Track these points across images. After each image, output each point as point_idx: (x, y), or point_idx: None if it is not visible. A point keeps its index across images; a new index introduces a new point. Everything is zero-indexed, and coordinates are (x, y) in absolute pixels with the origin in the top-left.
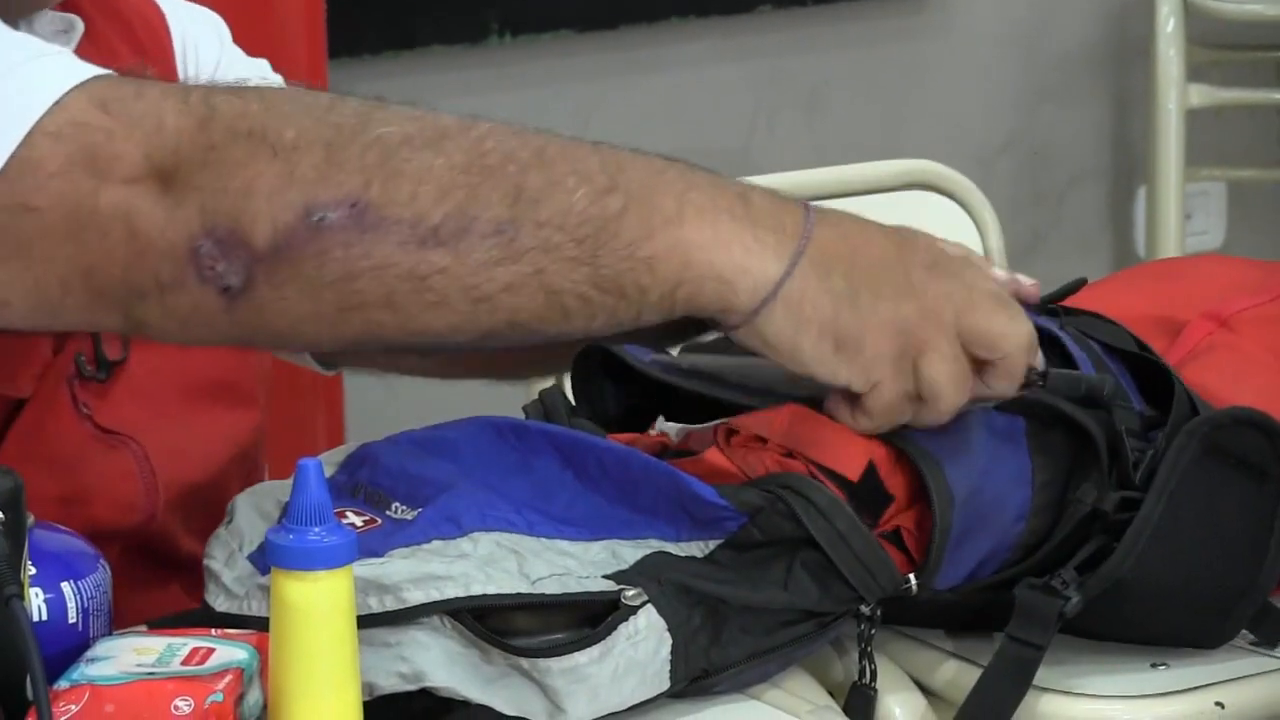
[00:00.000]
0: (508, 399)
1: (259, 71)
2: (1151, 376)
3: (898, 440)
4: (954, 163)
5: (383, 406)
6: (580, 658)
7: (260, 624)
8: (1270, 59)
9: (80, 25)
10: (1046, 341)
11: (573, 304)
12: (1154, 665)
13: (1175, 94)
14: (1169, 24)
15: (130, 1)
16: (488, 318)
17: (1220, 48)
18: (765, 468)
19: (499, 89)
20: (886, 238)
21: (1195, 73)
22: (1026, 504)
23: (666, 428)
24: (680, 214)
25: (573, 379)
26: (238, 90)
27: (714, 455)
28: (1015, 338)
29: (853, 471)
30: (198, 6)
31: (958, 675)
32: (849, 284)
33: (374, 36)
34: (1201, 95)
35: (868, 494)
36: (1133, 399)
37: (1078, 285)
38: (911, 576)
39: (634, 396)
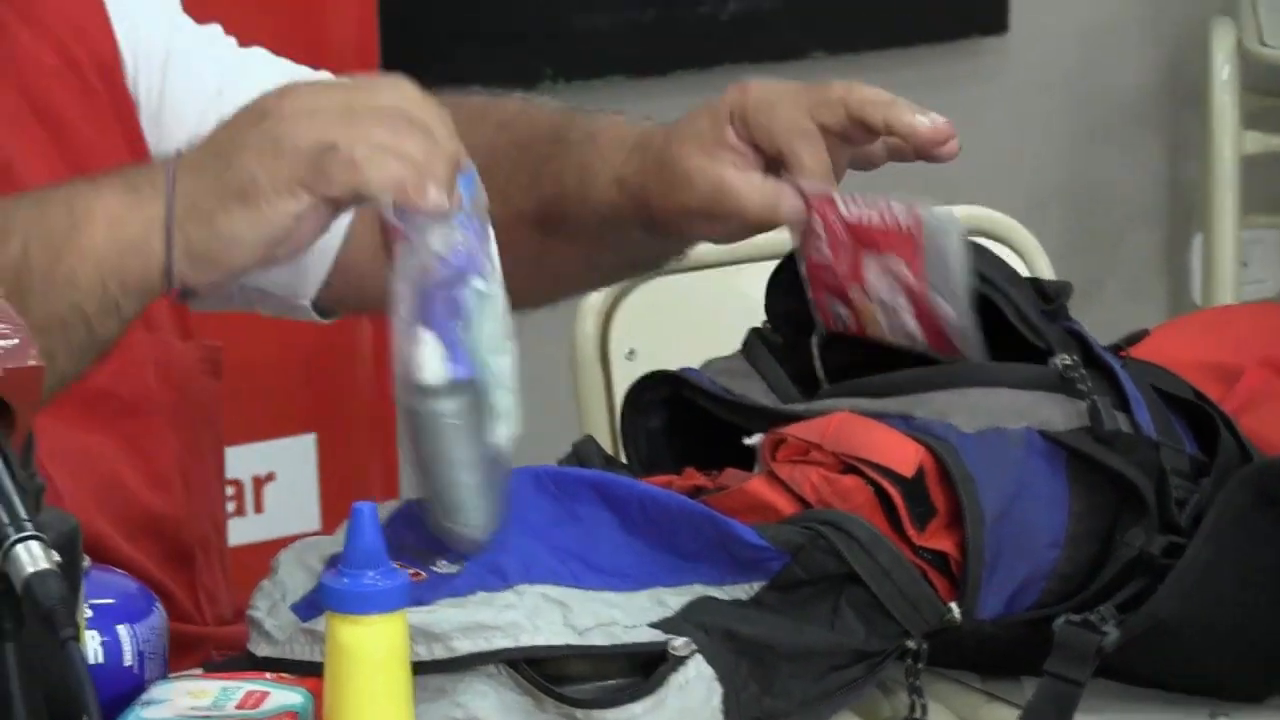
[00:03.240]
0: (549, 448)
1: (210, 42)
2: (1205, 423)
3: (942, 453)
4: (1007, 208)
5: None
6: (635, 708)
7: (301, 667)
8: None
9: None
10: (1108, 379)
11: (48, 349)
12: (1213, 716)
13: (1231, 140)
14: (1224, 71)
15: None
16: None
17: (1276, 95)
18: (812, 483)
19: None
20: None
21: (1251, 119)
22: (1061, 530)
23: (755, 440)
24: (74, 223)
25: (626, 410)
26: None
27: (754, 486)
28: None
29: (907, 468)
30: None
31: (998, 715)
32: (218, 156)
33: (427, 80)
34: (1257, 142)
35: (917, 494)
36: (1186, 444)
37: (1140, 335)
38: (954, 605)
39: (693, 423)
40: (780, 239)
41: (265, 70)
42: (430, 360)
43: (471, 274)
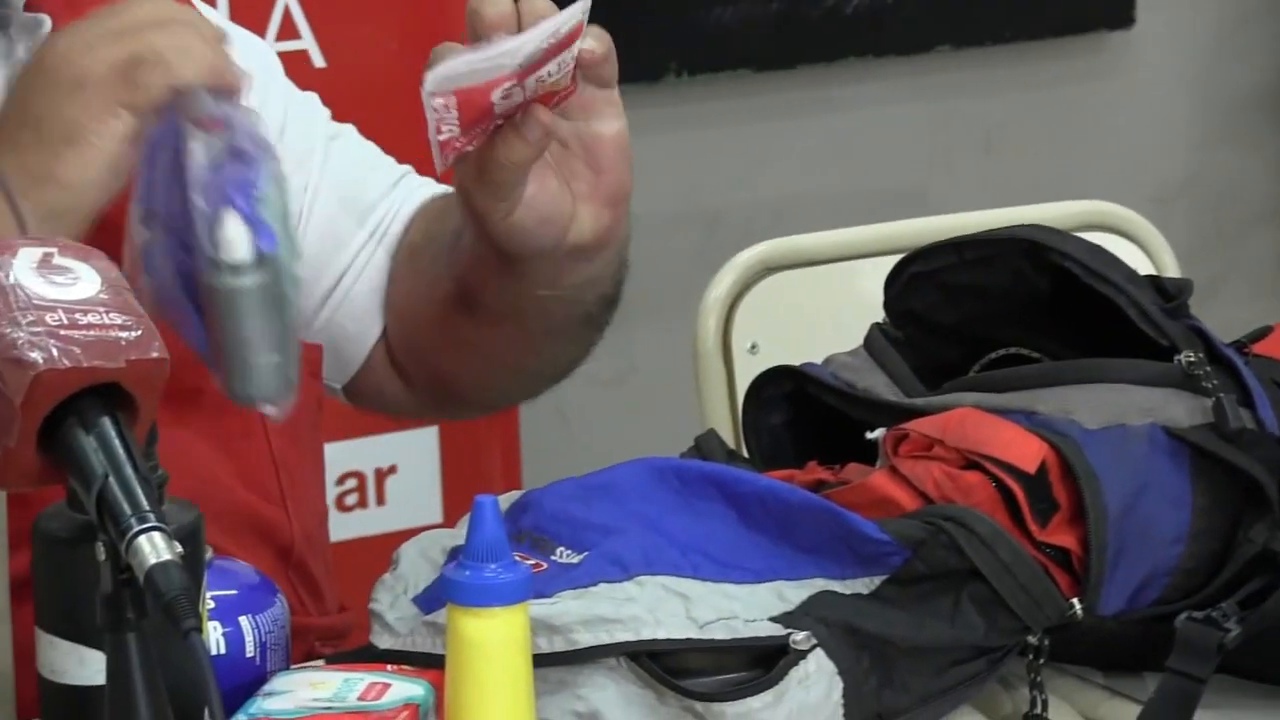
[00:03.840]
0: (671, 441)
1: (305, 110)
2: None
3: (1065, 450)
4: (1131, 204)
5: (557, 448)
6: (754, 702)
7: (423, 659)
8: None
9: (47, 24)
10: (1231, 375)
11: None
12: None
13: None
14: None
15: None
16: None
17: None
18: (934, 479)
19: (676, 128)
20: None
21: None
22: (1184, 526)
23: (877, 434)
24: None
25: (747, 405)
26: None
27: (877, 480)
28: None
29: (1030, 464)
30: (250, 37)
31: (1120, 711)
32: (25, 125)
33: None
34: None
35: (1039, 490)
36: None
37: (1264, 332)
38: (1075, 601)
39: (815, 418)
40: (896, 233)
41: (353, 149)
42: (239, 238)
43: (272, 153)
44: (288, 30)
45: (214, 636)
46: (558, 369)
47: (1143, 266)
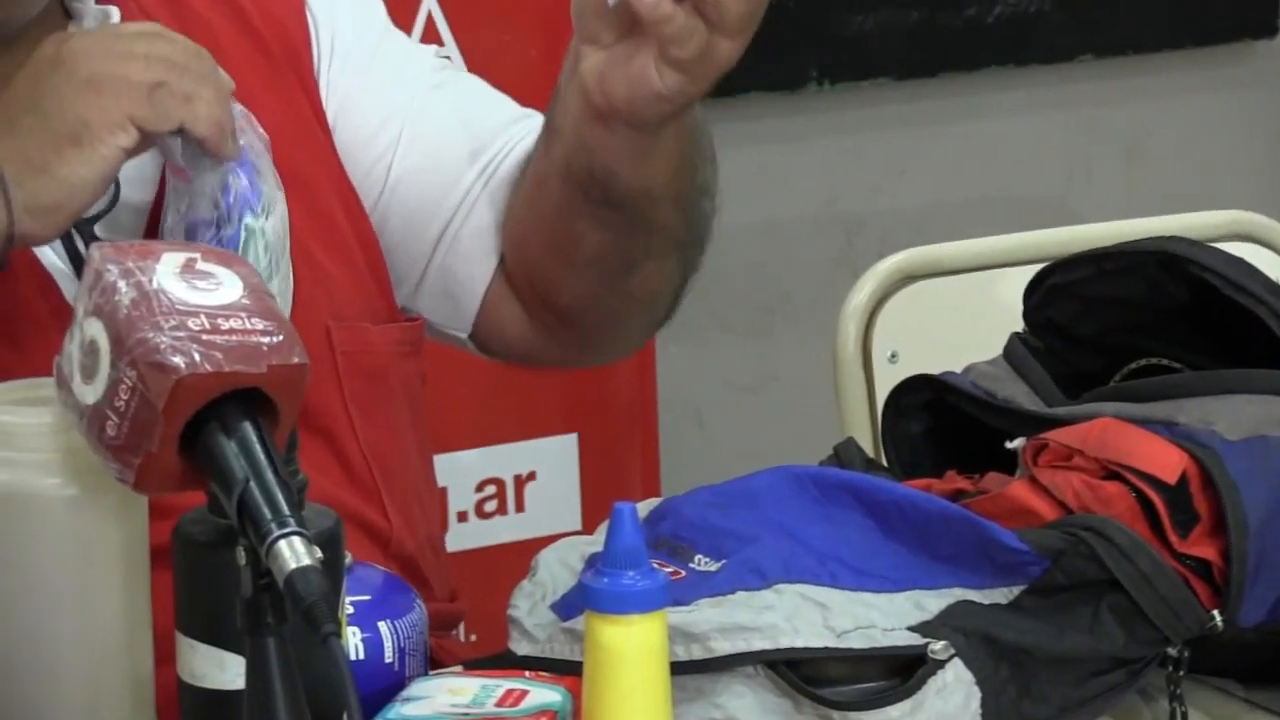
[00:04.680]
0: (810, 449)
1: (419, 59)
2: None
3: (1206, 461)
4: (1274, 214)
5: (696, 455)
6: (892, 712)
7: (560, 666)
8: None
9: (115, 15)
10: None
11: None
12: None
13: None
14: None
15: None
16: None
17: None
18: (1073, 489)
19: (817, 136)
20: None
21: None
22: None
23: (1017, 444)
24: None
25: (887, 413)
26: None
27: (1016, 490)
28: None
29: (1170, 476)
30: None
31: None
32: (31, 111)
33: None
34: None
35: (1180, 501)
36: None
37: None
38: (1216, 612)
39: (955, 426)
40: (1036, 243)
41: (463, 94)
42: None
43: (243, 211)
44: (430, 35)
45: (353, 642)
46: (649, 293)
47: None
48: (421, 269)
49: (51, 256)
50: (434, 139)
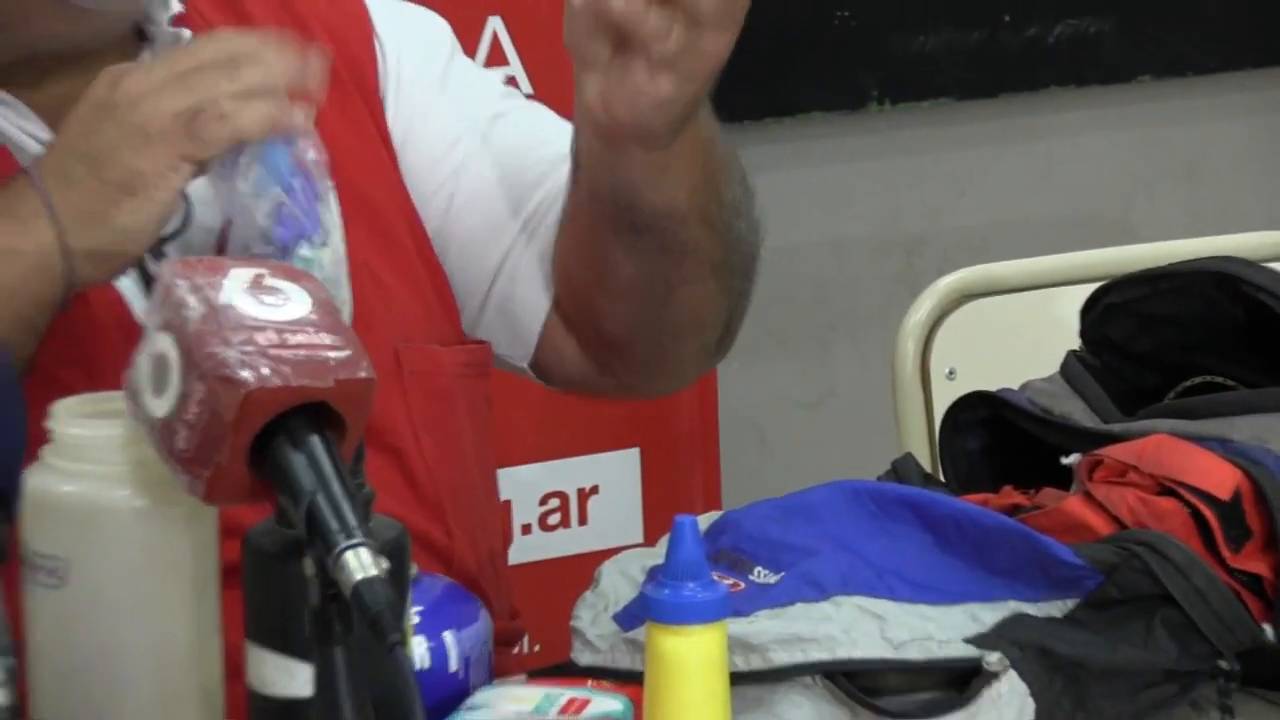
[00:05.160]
0: (869, 464)
1: (485, 86)
2: None
3: (1259, 477)
4: None
5: (756, 470)
6: None
7: (622, 675)
8: None
9: (188, 38)
10: None
11: None
12: None
13: None
14: None
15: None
16: None
17: None
18: (1128, 504)
19: (878, 155)
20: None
21: None
22: None
23: (1072, 459)
24: None
25: (944, 429)
26: None
27: (1071, 505)
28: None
29: (1224, 492)
30: (420, 11)
31: None
32: (83, 159)
33: (758, 102)
34: None
35: (1233, 517)
36: None
37: None
38: (1268, 626)
39: (1011, 441)
40: (1092, 262)
41: (519, 126)
42: None
43: (299, 241)
44: (496, 53)
45: (418, 651)
46: (693, 319)
47: None
48: (481, 298)
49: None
50: (495, 169)
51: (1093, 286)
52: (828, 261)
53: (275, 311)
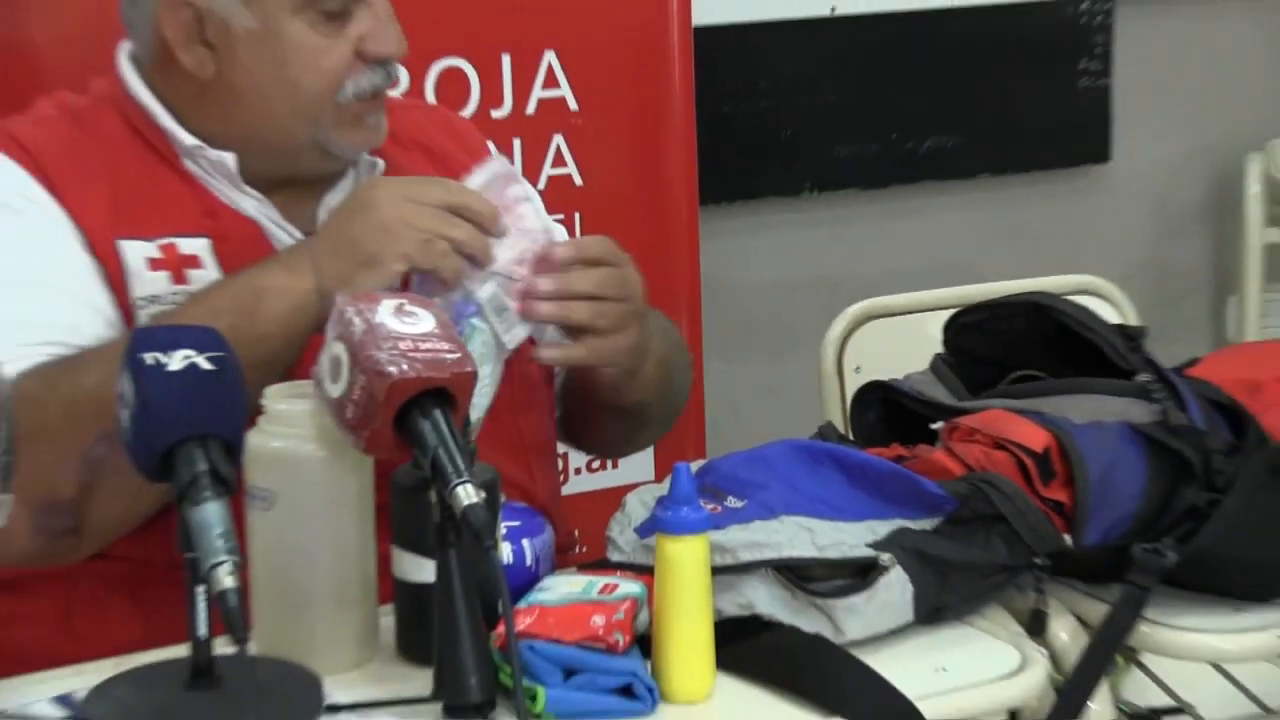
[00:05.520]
0: (806, 429)
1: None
2: (1237, 420)
3: (1062, 437)
4: (1110, 278)
5: (731, 433)
6: (856, 599)
7: (640, 569)
8: None
9: (381, 165)
10: (1171, 390)
11: (254, 382)
12: (1236, 610)
13: (1257, 234)
14: (1254, 188)
15: (456, 139)
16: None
17: None
18: (974, 456)
19: (810, 226)
20: (339, 217)
21: (1271, 219)
22: (1140, 489)
23: (938, 426)
24: (258, 298)
25: (853, 406)
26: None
27: (938, 456)
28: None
29: (1038, 446)
30: (513, 167)
31: (1095, 608)
32: (343, 240)
33: (731, 188)
34: (1275, 235)
35: (1044, 463)
36: (1224, 433)
37: (1194, 361)
38: (1067, 536)
39: (897, 415)
40: (952, 296)
41: None
42: None
43: (471, 312)
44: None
45: (505, 551)
46: (650, 439)
47: (1114, 319)
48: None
49: None
50: None
51: (951, 312)
52: (779, 295)
53: (411, 327)
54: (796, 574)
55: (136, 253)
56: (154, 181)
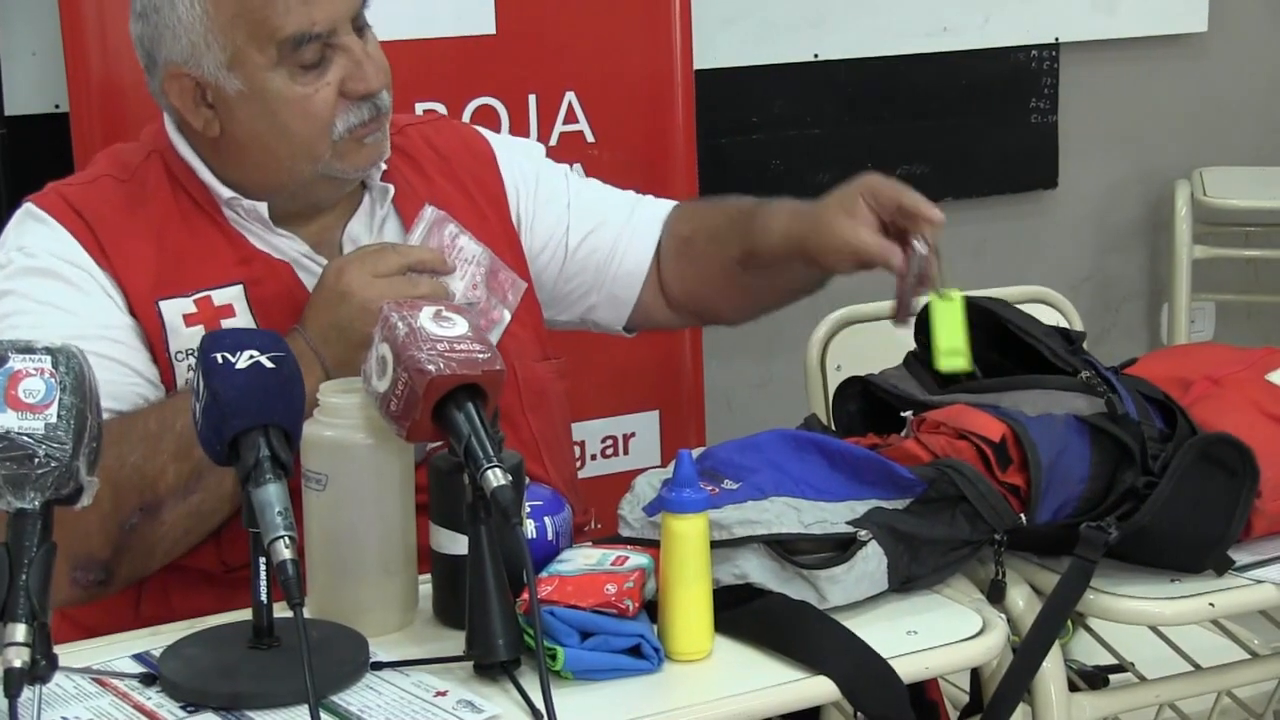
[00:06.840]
0: (793, 420)
1: (560, 176)
2: (1169, 412)
3: (1017, 428)
4: (1056, 288)
5: (727, 424)
6: (836, 570)
7: (647, 543)
8: (1241, 230)
9: (392, 190)
10: (1110, 386)
11: None
12: (1171, 580)
13: (1186, 250)
14: (1183, 210)
15: (462, 144)
16: None
17: (1214, 224)
18: (940, 445)
19: None
20: (322, 308)
21: (1198, 237)
22: (1085, 473)
23: (906, 415)
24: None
25: (834, 399)
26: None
27: (908, 444)
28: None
29: (996, 436)
30: (518, 140)
31: (1047, 578)
32: (334, 328)
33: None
34: (1202, 251)
35: (1001, 451)
36: (1158, 424)
37: (1131, 361)
38: (1022, 515)
39: (874, 406)
40: (924, 304)
41: (595, 191)
42: None
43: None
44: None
45: (529, 528)
46: (779, 307)
47: (1062, 324)
48: (600, 294)
49: None
50: (589, 214)
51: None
52: None
53: (448, 331)
54: (785, 548)
55: (174, 310)
56: (194, 235)
